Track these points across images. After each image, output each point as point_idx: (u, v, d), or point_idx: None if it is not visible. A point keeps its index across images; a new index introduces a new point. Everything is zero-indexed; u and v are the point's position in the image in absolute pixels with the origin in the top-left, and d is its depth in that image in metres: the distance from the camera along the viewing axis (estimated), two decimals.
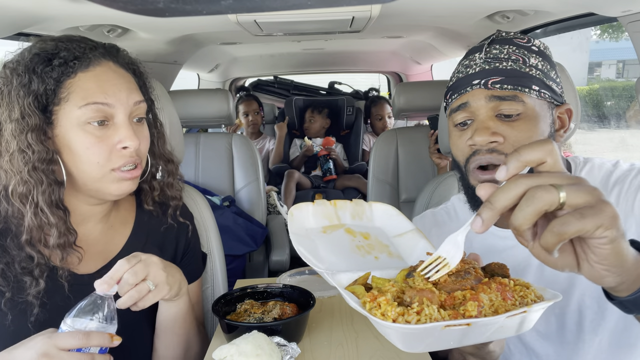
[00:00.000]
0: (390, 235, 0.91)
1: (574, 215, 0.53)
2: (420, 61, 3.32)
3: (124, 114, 0.89)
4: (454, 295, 0.63)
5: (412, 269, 0.71)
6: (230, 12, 0.64)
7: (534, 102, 0.90)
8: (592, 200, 0.53)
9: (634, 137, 5.07)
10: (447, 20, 1.82)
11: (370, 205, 0.95)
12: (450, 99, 0.98)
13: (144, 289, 0.84)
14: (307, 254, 0.75)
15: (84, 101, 0.85)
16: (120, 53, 0.96)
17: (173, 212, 1.09)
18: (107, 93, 0.87)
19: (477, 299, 0.61)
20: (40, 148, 0.84)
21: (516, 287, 0.65)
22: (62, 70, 0.85)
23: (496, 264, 0.72)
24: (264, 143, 3.74)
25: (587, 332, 0.92)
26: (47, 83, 0.84)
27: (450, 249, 0.65)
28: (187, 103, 2.25)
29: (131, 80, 0.94)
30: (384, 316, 0.59)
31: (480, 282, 0.66)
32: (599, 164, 0.98)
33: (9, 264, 0.86)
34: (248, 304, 1.02)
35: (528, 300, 0.64)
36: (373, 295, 0.62)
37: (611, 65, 9.09)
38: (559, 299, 0.63)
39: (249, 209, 2.41)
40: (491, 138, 0.88)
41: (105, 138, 0.88)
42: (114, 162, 0.89)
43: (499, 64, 0.91)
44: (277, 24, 1.73)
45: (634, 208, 0.89)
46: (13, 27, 1.29)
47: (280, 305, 0.99)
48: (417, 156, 2.31)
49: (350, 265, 0.80)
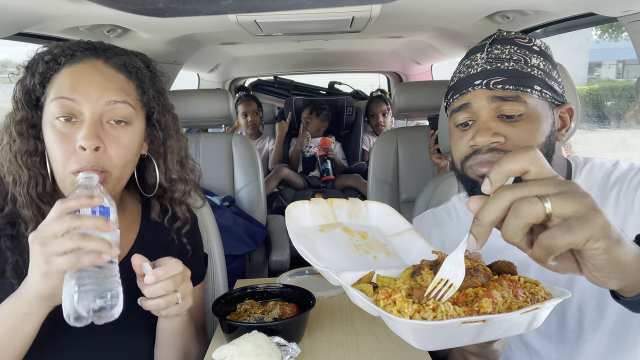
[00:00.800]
0: (387, 234, 0.91)
1: (561, 227, 0.50)
2: (420, 61, 3.32)
3: (90, 112, 0.85)
4: (466, 292, 0.63)
5: (416, 268, 0.71)
6: (230, 12, 0.65)
7: (535, 102, 0.90)
8: (581, 210, 0.50)
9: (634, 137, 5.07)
10: (447, 20, 1.82)
11: (366, 204, 0.95)
12: (452, 99, 0.98)
13: (173, 300, 0.83)
14: (307, 253, 0.75)
15: (54, 95, 0.85)
16: (116, 52, 0.92)
17: (177, 230, 1.05)
18: (76, 89, 0.85)
19: (491, 296, 0.61)
20: (23, 140, 0.87)
21: (526, 284, 0.66)
22: (49, 65, 0.87)
23: (503, 262, 0.72)
24: (264, 143, 3.74)
25: (587, 331, 0.93)
26: (36, 77, 0.87)
27: (451, 267, 0.63)
28: (187, 103, 2.25)
29: (119, 81, 0.89)
30: (400, 313, 0.59)
31: (489, 279, 0.66)
32: (599, 164, 0.98)
33: (22, 253, 0.86)
34: (248, 304, 1.02)
35: (539, 297, 0.64)
36: (387, 293, 0.62)
37: (611, 65, 9.08)
38: (568, 296, 0.63)
39: (249, 209, 2.41)
40: (493, 139, 0.88)
41: (69, 136, 0.84)
42: (72, 164, 0.84)
43: (501, 64, 0.91)
44: (277, 24, 1.73)
45: (633, 206, 0.89)
46: (13, 27, 1.29)
47: (280, 305, 0.99)
48: (417, 156, 2.30)
49: (351, 265, 0.80)
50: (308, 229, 0.86)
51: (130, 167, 0.92)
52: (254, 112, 3.59)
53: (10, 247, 0.87)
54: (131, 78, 0.92)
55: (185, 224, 1.06)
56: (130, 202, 1.06)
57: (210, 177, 2.40)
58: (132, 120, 0.90)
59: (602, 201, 0.92)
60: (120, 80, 0.89)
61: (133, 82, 0.92)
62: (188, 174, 1.04)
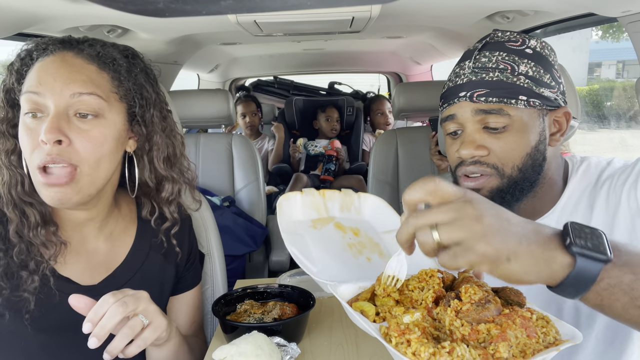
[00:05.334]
0: (379, 231, 0.91)
1: (448, 254, 0.58)
2: (420, 61, 3.32)
3: (53, 105, 0.80)
4: (478, 329, 0.62)
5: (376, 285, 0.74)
6: (230, 12, 0.65)
7: (521, 113, 0.90)
8: (464, 239, 0.56)
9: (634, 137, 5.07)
10: (447, 20, 1.82)
11: (359, 196, 0.95)
12: (442, 108, 1.00)
13: (137, 324, 0.77)
14: (302, 258, 0.75)
15: (24, 91, 0.83)
16: (91, 44, 0.87)
17: (165, 232, 1.01)
18: (41, 82, 0.81)
19: (506, 339, 0.60)
20: (2, 140, 0.85)
21: (538, 321, 0.65)
22: (24, 62, 0.85)
23: (511, 290, 0.72)
24: (263, 143, 3.74)
25: (584, 327, 0.93)
26: (13, 75, 0.85)
27: (396, 265, 0.71)
28: (187, 103, 2.25)
29: (88, 72, 0.84)
30: (415, 356, 0.58)
31: (500, 312, 0.66)
32: (595, 163, 0.98)
33: (12, 257, 0.83)
34: (248, 304, 1.02)
35: (550, 337, 0.63)
36: (400, 330, 0.61)
37: (611, 65, 9.08)
38: (578, 340, 0.63)
39: (249, 209, 2.41)
40: (476, 152, 0.91)
41: (34, 130, 0.80)
42: (35, 158, 0.80)
43: (486, 75, 0.91)
44: (277, 24, 1.73)
45: (621, 201, 0.90)
46: (13, 27, 1.29)
47: (280, 306, 0.99)
48: (417, 156, 2.31)
49: (344, 268, 0.79)
50: (299, 224, 0.85)
51: (107, 164, 0.86)
52: (252, 113, 3.59)
53: (2, 248, 0.84)
54: (104, 69, 0.86)
55: (173, 225, 1.01)
56: (124, 201, 1.02)
57: (210, 177, 2.40)
58: (104, 113, 0.84)
59: (595, 198, 0.93)
60: (90, 72, 0.84)
61: (107, 73, 0.86)
62: (180, 174, 0.99)
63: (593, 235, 0.60)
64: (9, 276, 0.83)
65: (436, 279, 0.72)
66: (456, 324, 0.64)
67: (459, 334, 0.63)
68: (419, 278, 0.73)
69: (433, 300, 0.69)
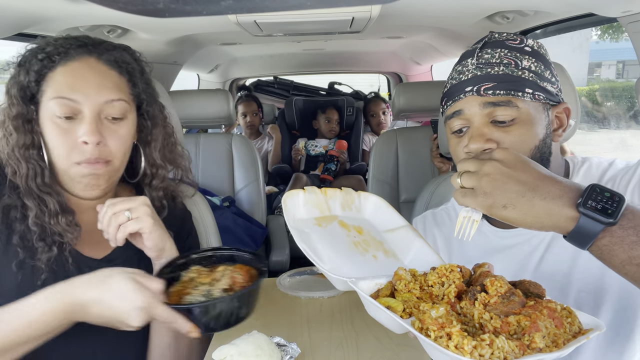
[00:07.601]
0: (380, 230, 0.91)
1: (460, 193, 0.73)
2: (420, 61, 3.32)
3: (90, 111, 0.90)
4: (508, 321, 0.63)
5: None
6: (230, 12, 0.65)
7: (528, 106, 0.91)
8: (473, 186, 0.71)
9: (633, 137, 5.08)
10: (447, 20, 1.83)
11: (359, 194, 0.95)
12: (446, 106, 0.99)
13: (121, 217, 0.88)
14: (312, 254, 0.75)
15: (54, 95, 0.90)
16: (106, 48, 0.96)
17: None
18: (75, 89, 0.90)
19: (539, 329, 0.61)
20: (19, 134, 0.91)
21: (562, 311, 0.66)
22: (44, 64, 0.91)
23: (529, 283, 0.72)
24: (262, 143, 3.74)
25: None
26: (30, 75, 0.91)
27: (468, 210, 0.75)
28: (187, 103, 2.25)
29: (112, 78, 0.94)
30: (457, 349, 0.57)
31: (524, 304, 0.67)
32: (597, 164, 0.98)
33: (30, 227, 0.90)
34: (194, 272, 0.91)
35: (575, 327, 0.65)
36: (439, 324, 0.61)
37: (611, 65, 9.09)
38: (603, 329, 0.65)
39: (249, 210, 2.41)
40: (486, 145, 0.90)
41: (70, 131, 0.90)
42: (74, 156, 0.91)
43: (491, 69, 0.91)
44: (277, 25, 1.73)
45: None
46: (13, 27, 1.30)
47: (231, 272, 0.88)
48: (417, 156, 2.31)
49: (353, 265, 0.79)
50: (303, 222, 0.85)
51: (127, 156, 0.99)
52: (253, 113, 3.59)
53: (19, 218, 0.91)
54: (122, 73, 0.96)
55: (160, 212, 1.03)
56: (122, 190, 1.09)
57: (210, 177, 2.40)
58: (127, 114, 0.96)
59: None
60: (114, 77, 0.95)
61: (125, 76, 0.97)
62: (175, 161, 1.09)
63: (610, 199, 0.65)
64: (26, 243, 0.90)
65: (456, 274, 0.72)
66: (486, 317, 0.65)
67: (490, 327, 0.63)
68: (438, 273, 0.73)
69: (455, 295, 0.70)
